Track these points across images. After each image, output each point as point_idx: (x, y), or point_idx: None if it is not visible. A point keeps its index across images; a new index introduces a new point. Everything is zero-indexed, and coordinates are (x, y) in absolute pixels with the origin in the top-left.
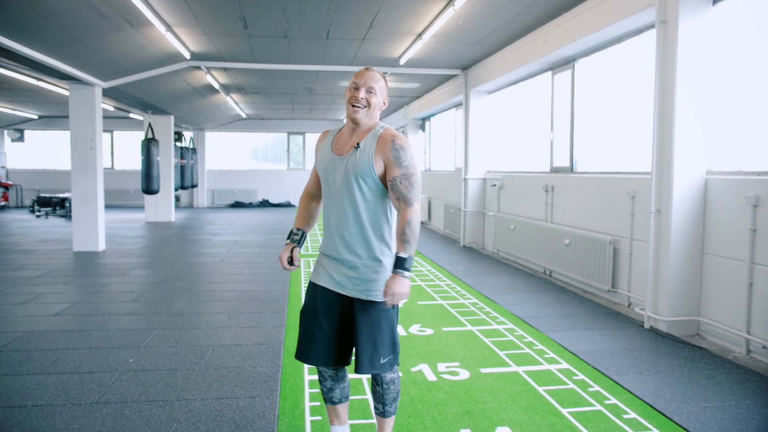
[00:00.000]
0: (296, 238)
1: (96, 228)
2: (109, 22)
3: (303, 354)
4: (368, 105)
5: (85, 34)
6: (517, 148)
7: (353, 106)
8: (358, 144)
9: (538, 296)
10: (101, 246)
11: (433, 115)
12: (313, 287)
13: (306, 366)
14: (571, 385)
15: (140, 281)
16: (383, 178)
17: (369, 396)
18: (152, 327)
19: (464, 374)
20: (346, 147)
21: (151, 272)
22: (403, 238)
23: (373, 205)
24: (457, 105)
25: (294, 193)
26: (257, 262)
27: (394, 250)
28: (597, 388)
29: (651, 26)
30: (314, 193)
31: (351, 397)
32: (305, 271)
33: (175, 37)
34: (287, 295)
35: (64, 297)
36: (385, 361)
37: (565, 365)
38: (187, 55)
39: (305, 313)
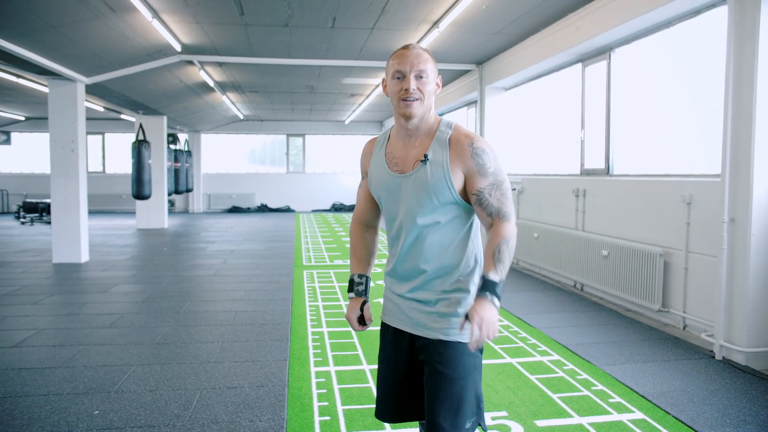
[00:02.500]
0: (361, 288)
1: (78, 238)
2: (86, 6)
3: (383, 412)
4: (422, 96)
5: (59, 20)
6: (539, 148)
7: (404, 100)
8: (425, 156)
9: (575, 316)
10: (84, 257)
11: (442, 115)
12: (385, 329)
13: (317, 420)
14: None
15: (122, 300)
16: (464, 193)
17: None
18: (129, 362)
19: (517, 429)
20: (407, 161)
21: (137, 288)
22: (496, 257)
23: (454, 227)
24: (470, 103)
25: (294, 197)
26: (255, 276)
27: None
28: None
29: (711, 6)
30: (368, 221)
31: None
32: (309, 286)
33: (163, 26)
34: (290, 317)
35: (30, 322)
36: (469, 425)
37: (638, 414)
38: (178, 48)
39: (382, 362)
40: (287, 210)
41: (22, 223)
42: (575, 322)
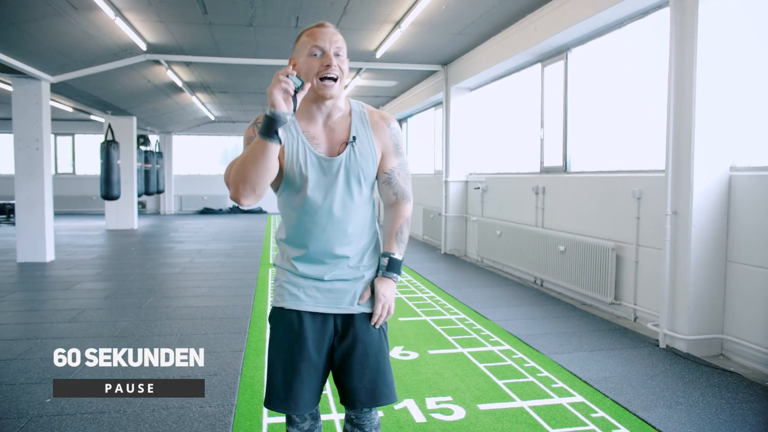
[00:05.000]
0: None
1: (43, 237)
2: (47, 3)
3: (290, 402)
4: (341, 74)
5: (20, 16)
6: (502, 148)
7: (324, 79)
8: (353, 138)
9: (531, 310)
10: (49, 256)
11: (410, 116)
12: (292, 315)
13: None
14: (591, 426)
15: (85, 296)
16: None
17: None
18: None
19: (459, 412)
20: (332, 142)
21: (100, 286)
22: (399, 237)
23: (369, 207)
24: (436, 104)
25: (266, 199)
26: (220, 274)
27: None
28: (623, 429)
29: (658, 6)
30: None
31: None
32: (272, 283)
33: (127, 24)
34: (251, 311)
35: None
36: (389, 390)
37: (579, 398)
38: (144, 47)
39: (288, 347)
40: (259, 211)
41: None
42: (530, 315)
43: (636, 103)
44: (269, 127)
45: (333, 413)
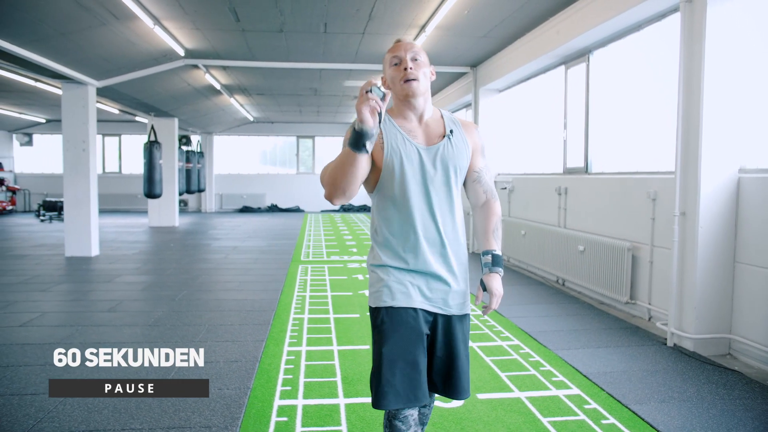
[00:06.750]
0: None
1: (89, 232)
2: (91, 14)
3: (411, 396)
4: (419, 76)
5: (67, 27)
6: (529, 148)
7: (405, 81)
8: (451, 131)
9: (548, 308)
10: (94, 251)
11: None
12: (408, 313)
13: (278, 390)
14: (582, 416)
15: (124, 288)
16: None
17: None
18: (121, 341)
19: (457, 401)
20: (429, 136)
21: (139, 279)
22: (496, 234)
23: (458, 203)
24: (467, 105)
25: (303, 198)
26: (252, 269)
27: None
28: (612, 420)
29: (674, 10)
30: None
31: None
32: (301, 279)
33: (165, 32)
34: (276, 305)
35: (36, 306)
36: (466, 387)
37: (575, 390)
38: (182, 52)
39: (407, 345)
40: (297, 210)
41: (42, 220)
42: (546, 313)
43: (653, 104)
44: (358, 141)
45: (339, 398)
